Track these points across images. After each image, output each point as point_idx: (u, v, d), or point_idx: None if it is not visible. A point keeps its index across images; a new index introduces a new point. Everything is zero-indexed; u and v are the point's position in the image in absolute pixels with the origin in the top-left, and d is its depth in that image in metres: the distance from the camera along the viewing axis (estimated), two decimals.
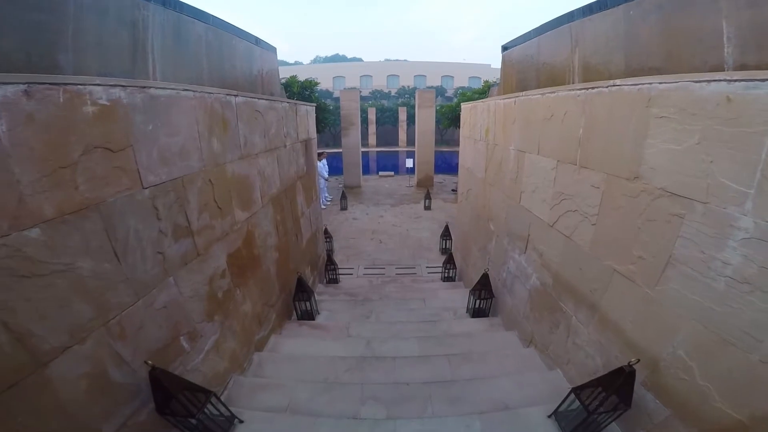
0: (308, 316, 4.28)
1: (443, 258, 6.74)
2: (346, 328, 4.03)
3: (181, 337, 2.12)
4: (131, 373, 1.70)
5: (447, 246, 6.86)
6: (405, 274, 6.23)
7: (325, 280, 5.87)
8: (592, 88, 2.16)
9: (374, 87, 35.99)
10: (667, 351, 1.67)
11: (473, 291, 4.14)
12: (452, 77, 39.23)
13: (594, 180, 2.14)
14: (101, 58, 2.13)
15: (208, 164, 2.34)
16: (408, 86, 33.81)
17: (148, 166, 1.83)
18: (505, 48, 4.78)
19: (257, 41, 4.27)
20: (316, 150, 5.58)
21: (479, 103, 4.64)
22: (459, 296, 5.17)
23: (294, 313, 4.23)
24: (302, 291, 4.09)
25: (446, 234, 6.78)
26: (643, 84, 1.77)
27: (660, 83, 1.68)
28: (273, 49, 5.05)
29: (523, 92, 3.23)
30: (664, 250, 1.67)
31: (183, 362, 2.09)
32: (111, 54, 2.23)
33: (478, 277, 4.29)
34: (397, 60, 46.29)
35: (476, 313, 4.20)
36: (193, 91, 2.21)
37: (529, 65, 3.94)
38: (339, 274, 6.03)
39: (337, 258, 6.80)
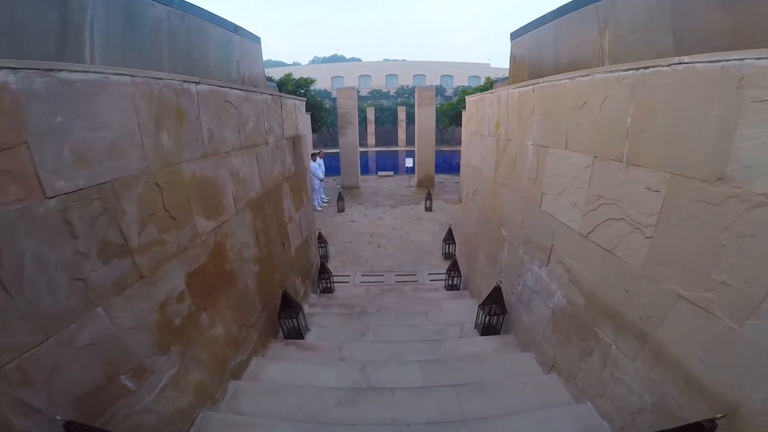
0: (296, 334, 3.81)
1: (446, 263, 6.26)
2: (339, 349, 3.55)
3: (123, 376, 1.71)
4: (49, 422, 1.33)
5: (450, 251, 6.38)
6: (405, 282, 5.75)
7: (318, 290, 5.40)
8: (646, 67, 1.68)
9: (373, 87, 35.55)
10: (757, 397, 1.27)
11: (483, 305, 3.66)
12: (451, 76, 38.76)
13: (650, 181, 1.66)
14: (14, 40, 1.66)
15: (155, 164, 1.87)
16: (407, 86, 33.29)
17: (55, 168, 1.36)
18: (514, 36, 4.29)
19: (236, 29, 3.78)
20: (307, 148, 5.10)
21: (487, 95, 4.16)
22: (465, 308, 4.70)
23: (281, 330, 3.76)
24: (288, 307, 3.61)
25: (449, 238, 6.30)
26: (730, 60, 1.30)
27: (757, 59, 1.21)
28: (256, 39, 4.57)
29: (545, 78, 2.74)
30: (765, 275, 1.20)
31: (128, 404, 1.71)
32: (29, 36, 1.76)
33: (487, 287, 3.81)
34: (395, 60, 45.81)
35: (486, 329, 3.72)
36: (131, 75, 1.73)
37: (545, 52, 3.45)
38: (334, 282, 5.55)
39: (333, 264, 6.32)
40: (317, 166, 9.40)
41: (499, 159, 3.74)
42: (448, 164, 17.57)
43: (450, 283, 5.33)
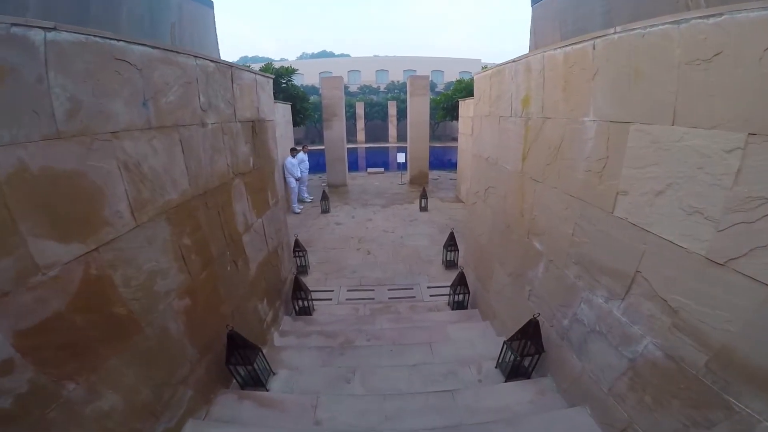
0: (256, 380, 2.81)
1: (448, 274, 5.31)
2: (313, 407, 2.58)
3: None
4: None
5: (452, 259, 5.42)
6: (401, 298, 4.76)
7: (293, 312, 4.37)
8: None
9: (363, 82, 34.45)
10: None
11: (511, 342, 2.70)
12: (442, 72, 37.86)
13: None
14: None
15: None
16: (398, 81, 32.34)
17: None
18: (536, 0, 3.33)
19: None
20: (274, 136, 4.04)
21: (509, 64, 3.18)
22: (478, 335, 3.74)
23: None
24: (238, 350, 2.60)
25: (451, 244, 5.33)
26: None
27: None
28: (208, 3, 3.51)
29: (618, 28, 1.79)
30: None
31: None
32: None
33: (509, 312, 2.92)
34: (386, 55, 44.66)
35: (513, 371, 2.77)
36: None
37: (592, 8, 2.48)
38: (313, 300, 4.53)
39: (313, 277, 5.30)
40: (295, 163, 8.26)
41: (529, 145, 2.77)
42: (440, 161, 16.68)
43: (455, 299, 4.36)
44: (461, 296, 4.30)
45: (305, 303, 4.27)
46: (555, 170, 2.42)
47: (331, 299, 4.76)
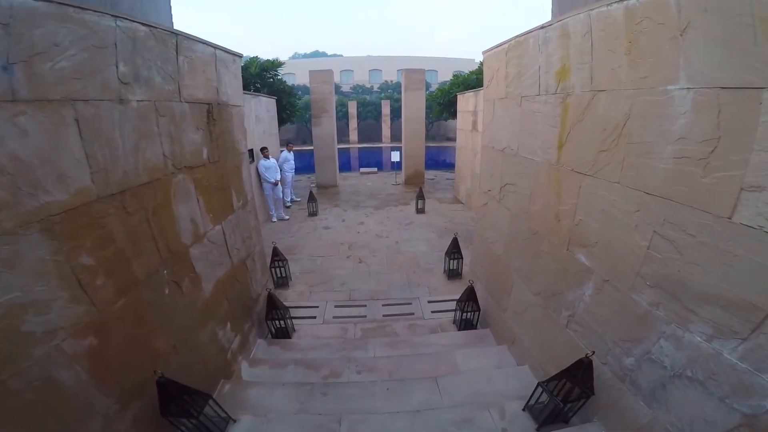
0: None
1: (450, 285, 4.63)
2: None
3: None
4: None
5: (455, 267, 4.73)
6: (397, 316, 4.06)
7: (269, 334, 3.63)
8: None
9: (356, 82, 33.75)
10: None
11: (549, 384, 2.04)
12: (436, 71, 37.41)
13: None
14: None
15: None
16: (391, 81, 31.74)
17: None
18: None
19: None
20: (241, 125, 3.32)
21: (533, 33, 2.52)
22: (493, 363, 3.07)
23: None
24: (175, 399, 1.88)
25: (454, 251, 4.64)
26: None
27: None
28: None
29: None
30: None
31: None
32: None
33: (535, 337, 2.32)
34: (379, 55, 44.03)
35: (550, 416, 2.11)
36: None
37: None
38: (294, 318, 3.81)
39: (296, 290, 4.57)
40: (270, 165, 6.97)
41: (569, 129, 2.11)
42: (435, 162, 16.08)
43: (462, 316, 3.67)
44: (470, 314, 3.61)
45: (282, 323, 3.54)
46: (616, 159, 1.75)
47: (315, 317, 4.04)
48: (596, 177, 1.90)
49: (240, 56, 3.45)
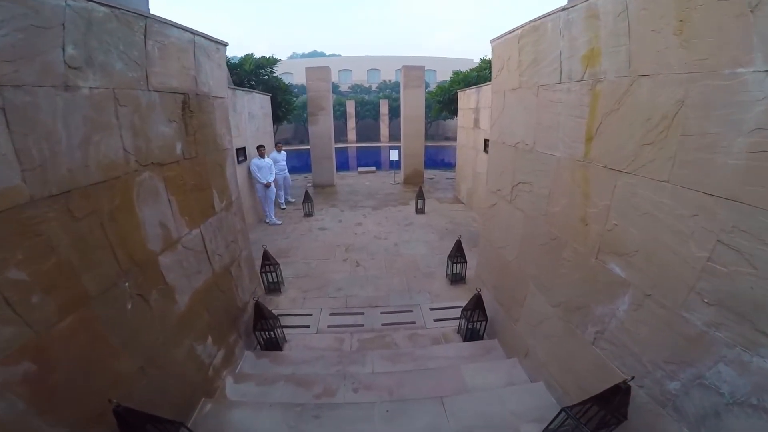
0: None
1: (453, 290, 4.35)
2: None
3: None
4: None
5: (458, 272, 4.45)
6: (397, 325, 3.76)
7: (258, 346, 3.33)
8: None
9: (354, 82, 33.41)
10: None
11: (574, 409, 1.75)
12: (435, 71, 37.14)
13: None
14: None
15: None
16: (389, 80, 31.44)
17: None
18: None
19: None
20: (225, 118, 3.01)
21: (552, 16, 2.24)
22: (504, 379, 2.78)
23: None
24: (138, 429, 1.58)
25: (458, 254, 4.36)
26: None
27: None
28: None
29: None
30: None
31: None
32: None
33: (555, 353, 2.08)
34: (377, 55, 43.71)
35: None
36: None
37: None
38: (286, 327, 3.52)
39: (288, 296, 4.26)
40: (264, 165, 6.51)
41: (600, 119, 1.83)
42: (434, 161, 15.80)
43: (468, 325, 3.38)
44: (475, 323, 3.32)
45: (272, 334, 3.24)
46: (665, 154, 1.47)
47: (308, 326, 3.73)
48: (637, 175, 1.61)
49: (225, 45, 3.14)
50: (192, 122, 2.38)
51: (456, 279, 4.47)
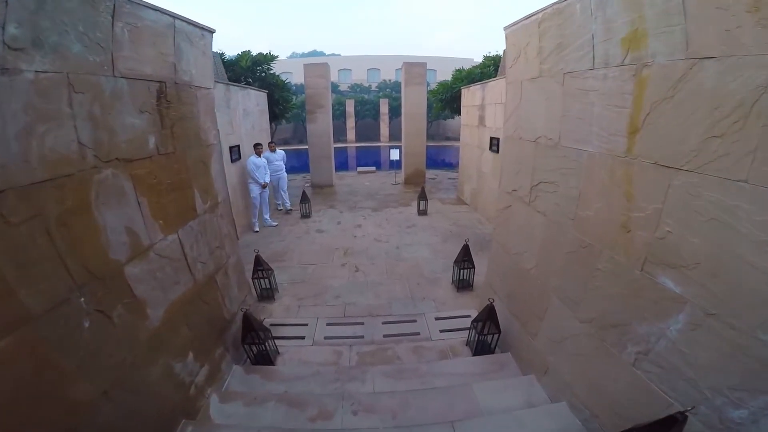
0: None
1: (459, 297, 4.06)
2: None
3: None
4: None
5: (465, 278, 4.16)
6: (400, 336, 3.47)
7: (247, 360, 3.03)
8: None
9: (354, 81, 33.11)
10: None
11: None
12: (435, 71, 36.90)
13: None
14: None
15: None
16: (389, 80, 31.18)
17: None
18: None
19: None
20: (210, 111, 2.72)
21: None
22: (521, 400, 2.50)
23: None
24: None
25: (465, 259, 4.07)
26: None
27: None
28: None
29: None
30: None
31: None
32: None
33: (583, 372, 1.89)
34: (377, 55, 43.44)
35: None
36: None
37: None
38: (278, 338, 3.23)
39: (282, 303, 3.97)
40: (261, 164, 6.09)
41: (647, 110, 1.55)
42: (434, 161, 15.52)
43: (477, 337, 3.09)
44: (489, 337, 3.04)
45: (264, 347, 2.94)
46: (741, 148, 1.19)
47: (303, 337, 3.44)
48: (700, 173, 1.33)
49: (212, 32, 2.85)
50: (169, 113, 2.08)
51: (463, 285, 4.18)
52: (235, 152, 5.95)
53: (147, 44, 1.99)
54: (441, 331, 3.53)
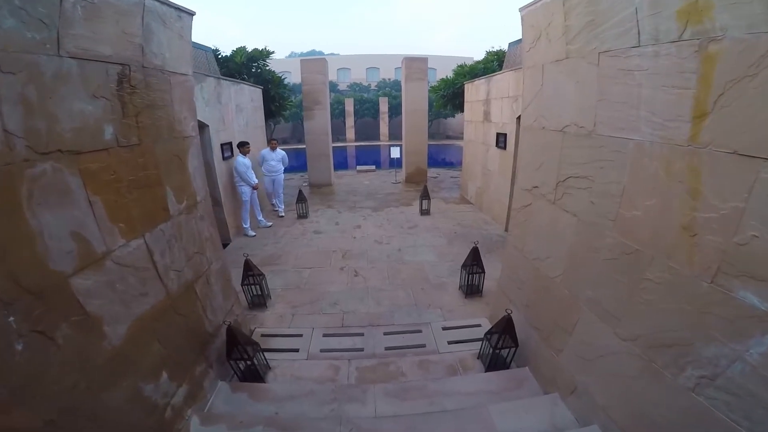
0: None
1: (469, 303, 3.75)
2: None
3: None
4: None
5: (474, 283, 3.84)
6: (404, 349, 3.16)
7: (234, 376, 2.71)
8: None
9: (353, 80, 32.78)
10: None
11: None
12: (435, 69, 36.62)
13: None
14: None
15: None
16: (389, 79, 30.89)
17: None
18: None
19: None
20: (188, 100, 2.39)
21: None
22: (543, 424, 2.18)
23: None
24: None
25: (475, 262, 3.76)
26: None
27: None
28: None
29: None
30: None
31: None
32: None
33: (618, 393, 1.59)
34: (376, 53, 43.10)
35: None
36: None
37: None
38: (269, 351, 2.93)
39: (275, 312, 3.65)
40: (249, 164, 5.64)
41: (720, 90, 1.24)
42: (434, 160, 15.19)
43: (491, 350, 2.77)
44: (502, 350, 2.72)
45: (252, 363, 2.62)
46: None
47: (297, 350, 3.12)
48: None
49: (191, 14, 2.53)
50: (133, 100, 1.77)
51: (471, 291, 3.86)
52: (227, 149, 5.63)
53: (107, 22, 1.68)
54: (449, 342, 3.22)
